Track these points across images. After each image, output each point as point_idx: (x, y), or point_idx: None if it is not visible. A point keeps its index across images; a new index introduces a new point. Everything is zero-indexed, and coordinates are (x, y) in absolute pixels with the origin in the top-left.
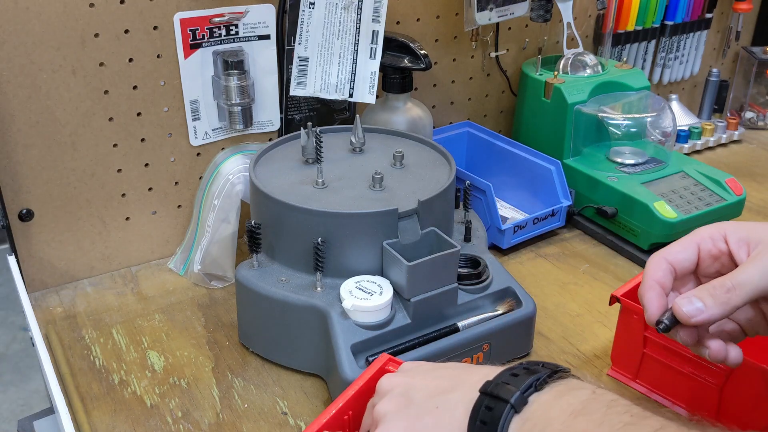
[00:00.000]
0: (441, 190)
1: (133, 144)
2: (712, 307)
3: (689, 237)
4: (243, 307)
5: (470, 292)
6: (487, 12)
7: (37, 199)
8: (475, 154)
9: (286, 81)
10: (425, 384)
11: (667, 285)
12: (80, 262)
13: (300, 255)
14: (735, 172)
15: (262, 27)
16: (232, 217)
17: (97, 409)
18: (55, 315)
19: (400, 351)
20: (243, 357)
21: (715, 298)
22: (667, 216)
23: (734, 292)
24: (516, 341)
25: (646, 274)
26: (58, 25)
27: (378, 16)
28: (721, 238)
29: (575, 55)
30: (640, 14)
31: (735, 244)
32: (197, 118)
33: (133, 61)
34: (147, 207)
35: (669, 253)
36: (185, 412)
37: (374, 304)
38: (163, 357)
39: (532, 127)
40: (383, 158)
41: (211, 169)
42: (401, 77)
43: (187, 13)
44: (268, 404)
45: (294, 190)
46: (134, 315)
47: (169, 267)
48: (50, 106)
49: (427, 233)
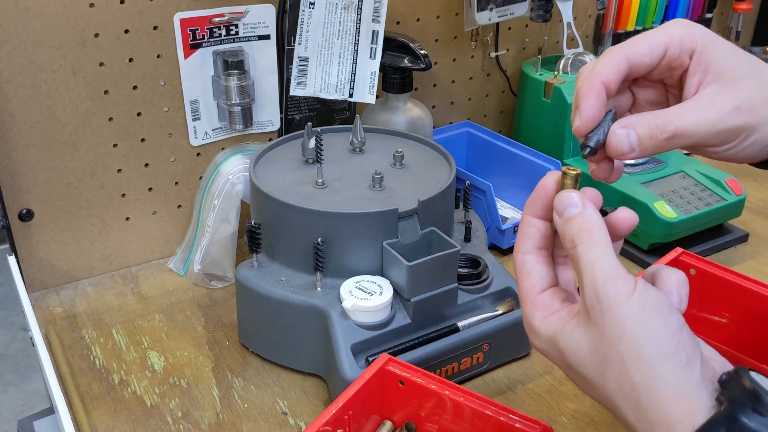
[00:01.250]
0: (441, 190)
1: (133, 144)
2: (646, 150)
3: (659, 35)
4: (243, 307)
5: (470, 292)
6: (487, 12)
7: (37, 199)
8: (475, 154)
9: (286, 81)
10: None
11: (612, 91)
12: (80, 262)
13: (300, 255)
14: (735, 172)
15: (262, 27)
16: (232, 217)
17: (97, 409)
18: (55, 315)
19: (400, 351)
20: (243, 357)
21: (653, 140)
22: (667, 216)
23: (674, 140)
24: (516, 341)
25: (595, 72)
26: (58, 25)
27: (378, 16)
28: (689, 50)
29: (575, 55)
30: (640, 14)
31: (695, 65)
32: (197, 118)
33: (133, 61)
34: (147, 207)
35: (632, 53)
36: (185, 412)
37: (374, 304)
38: (163, 357)
39: (532, 127)
40: (383, 158)
41: (211, 169)
42: (401, 77)
43: (187, 13)
44: (268, 404)
45: (294, 190)
46: (134, 315)
47: (169, 267)
48: (50, 106)
49: (427, 233)
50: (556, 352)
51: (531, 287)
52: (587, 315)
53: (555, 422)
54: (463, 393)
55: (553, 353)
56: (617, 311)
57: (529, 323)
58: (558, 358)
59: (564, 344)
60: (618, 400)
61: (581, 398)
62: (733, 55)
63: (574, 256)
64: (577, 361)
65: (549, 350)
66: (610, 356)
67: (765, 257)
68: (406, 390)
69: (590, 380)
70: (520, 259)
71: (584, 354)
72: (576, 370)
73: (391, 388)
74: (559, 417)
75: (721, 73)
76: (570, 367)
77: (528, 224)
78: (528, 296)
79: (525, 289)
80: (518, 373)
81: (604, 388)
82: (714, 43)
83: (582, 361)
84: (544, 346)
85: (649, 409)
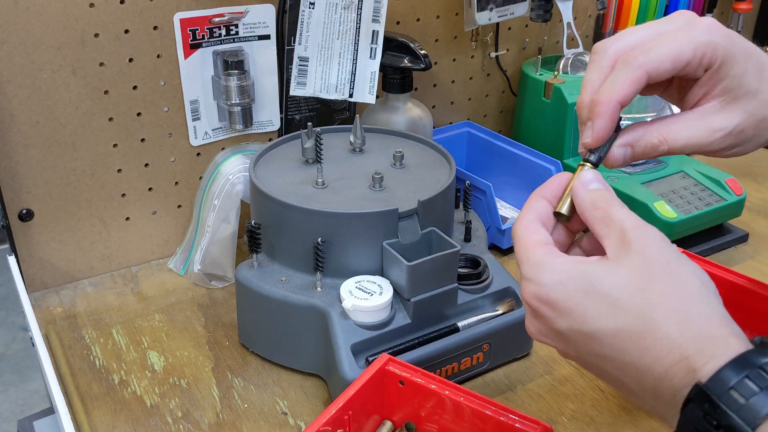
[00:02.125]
0: (441, 190)
1: (133, 144)
2: (637, 156)
3: (684, 48)
4: (243, 307)
5: (470, 292)
6: (487, 12)
7: (37, 199)
8: (475, 154)
9: (286, 81)
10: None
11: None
12: (80, 262)
13: (300, 255)
14: (735, 172)
15: (262, 27)
16: (232, 217)
17: (97, 409)
18: (55, 315)
19: (400, 351)
20: (243, 357)
21: (646, 155)
22: (667, 216)
23: (661, 148)
24: (516, 341)
25: (616, 89)
26: (58, 25)
27: (378, 16)
28: (707, 65)
29: (575, 55)
30: (640, 14)
31: (706, 79)
32: (197, 118)
33: (133, 61)
34: (147, 207)
35: (654, 70)
36: (185, 412)
37: (374, 304)
38: (163, 357)
39: (532, 127)
40: (383, 158)
41: (211, 169)
42: (401, 77)
43: (187, 13)
44: (268, 404)
45: (294, 190)
46: (134, 315)
47: (169, 267)
48: (50, 106)
49: (427, 233)
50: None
51: (541, 239)
52: (624, 249)
53: (555, 422)
54: (463, 393)
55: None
56: (663, 243)
57: (542, 263)
58: (571, 292)
59: (595, 272)
60: (658, 314)
61: (581, 398)
62: (746, 73)
63: (600, 217)
64: (609, 283)
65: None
66: (657, 276)
67: (765, 257)
68: (406, 390)
69: (622, 301)
70: (526, 218)
71: (622, 276)
72: (603, 294)
73: (391, 388)
74: (559, 417)
75: (726, 91)
76: (593, 294)
77: (534, 200)
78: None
79: (534, 243)
80: (518, 373)
81: (641, 306)
82: (732, 61)
83: (619, 283)
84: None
85: (698, 316)
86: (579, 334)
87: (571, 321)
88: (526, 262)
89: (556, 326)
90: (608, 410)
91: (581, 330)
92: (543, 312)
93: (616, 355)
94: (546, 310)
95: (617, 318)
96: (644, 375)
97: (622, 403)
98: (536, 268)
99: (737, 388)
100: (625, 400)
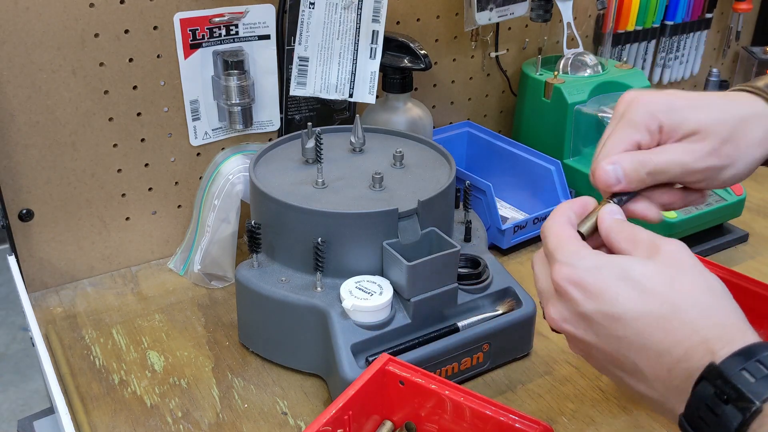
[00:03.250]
0: (441, 190)
1: (133, 144)
2: (631, 183)
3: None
4: (243, 307)
5: (470, 292)
6: (487, 12)
7: (37, 199)
8: (475, 154)
9: (286, 81)
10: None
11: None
12: (80, 262)
13: (300, 255)
14: None
15: (262, 27)
16: (232, 217)
17: (97, 409)
18: (55, 315)
19: (400, 351)
20: (243, 357)
21: (636, 173)
22: (667, 216)
23: (654, 176)
24: (516, 341)
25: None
26: (58, 25)
27: (378, 16)
28: (657, 130)
29: (575, 55)
30: (640, 14)
31: (666, 135)
32: (197, 118)
33: (133, 61)
34: (147, 207)
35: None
36: (185, 412)
37: (374, 304)
38: (163, 357)
39: (532, 127)
40: (383, 158)
41: (211, 169)
42: (401, 77)
43: (187, 13)
44: (268, 404)
45: (294, 190)
46: (134, 315)
47: (169, 267)
48: (50, 106)
49: (427, 233)
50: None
51: (575, 236)
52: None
53: (555, 422)
54: (463, 393)
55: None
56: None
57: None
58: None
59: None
60: (685, 303)
61: (581, 398)
62: (698, 112)
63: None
64: (642, 272)
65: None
66: (685, 272)
67: (765, 257)
68: (406, 390)
69: (651, 288)
70: (560, 220)
71: (652, 269)
72: (635, 281)
73: (391, 388)
74: (559, 417)
75: (693, 131)
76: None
77: (565, 208)
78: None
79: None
80: (518, 373)
81: (669, 294)
82: (676, 112)
83: (650, 273)
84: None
85: (719, 308)
86: (605, 316)
87: (599, 303)
88: (562, 249)
89: (581, 308)
90: (608, 410)
91: (608, 312)
92: (572, 295)
93: (637, 337)
94: (576, 292)
95: (645, 302)
96: (662, 356)
97: (622, 403)
98: (573, 254)
99: (748, 369)
100: (626, 401)
